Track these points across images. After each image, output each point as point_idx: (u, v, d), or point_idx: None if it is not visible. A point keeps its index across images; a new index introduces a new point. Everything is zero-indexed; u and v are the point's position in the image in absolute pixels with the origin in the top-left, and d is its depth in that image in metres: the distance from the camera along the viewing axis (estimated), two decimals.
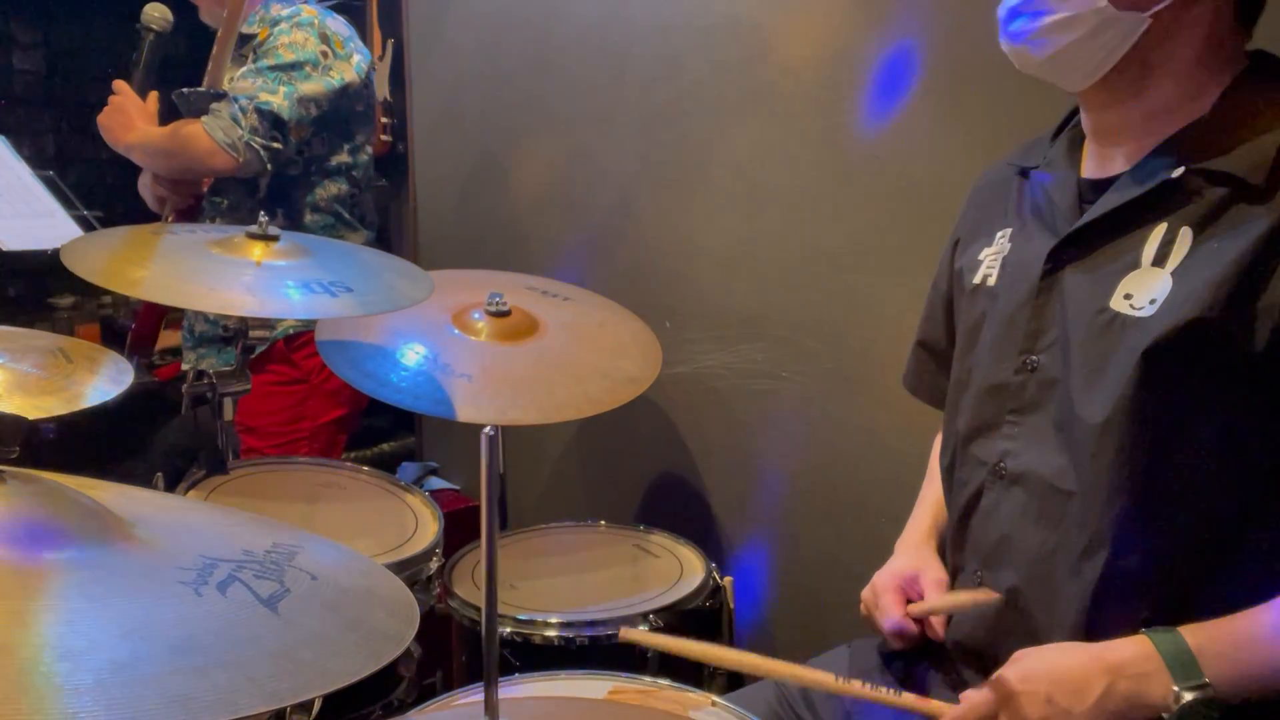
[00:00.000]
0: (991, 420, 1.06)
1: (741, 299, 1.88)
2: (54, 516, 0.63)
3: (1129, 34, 0.94)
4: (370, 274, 1.44)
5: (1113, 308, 0.95)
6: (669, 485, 2.11)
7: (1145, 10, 0.93)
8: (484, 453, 0.94)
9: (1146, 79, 0.97)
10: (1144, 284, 0.93)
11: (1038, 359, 1.02)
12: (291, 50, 1.97)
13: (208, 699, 0.53)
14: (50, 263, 1.74)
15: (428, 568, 1.53)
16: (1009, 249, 1.09)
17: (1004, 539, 1.04)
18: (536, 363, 1.43)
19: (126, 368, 1.32)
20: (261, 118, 1.92)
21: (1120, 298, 0.95)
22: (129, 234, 1.49)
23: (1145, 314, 0.92)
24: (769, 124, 1.78)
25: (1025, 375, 1.03)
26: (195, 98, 1.92)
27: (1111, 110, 1.01)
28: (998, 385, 1.06)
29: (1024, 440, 1.03)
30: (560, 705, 1.12)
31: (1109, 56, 0.95)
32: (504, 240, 2.48)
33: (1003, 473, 1.04)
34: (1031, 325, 1.03)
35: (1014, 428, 1.04)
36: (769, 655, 1.03)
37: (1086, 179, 1.04)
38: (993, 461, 1.05)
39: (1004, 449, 1.05)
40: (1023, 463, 1.02)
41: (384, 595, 0.71)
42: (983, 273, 1.12)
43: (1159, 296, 0.92)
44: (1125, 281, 0.95)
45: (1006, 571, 1.03)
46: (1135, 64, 0.96)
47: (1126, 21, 0.94)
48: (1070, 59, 0.97)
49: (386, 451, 3.01)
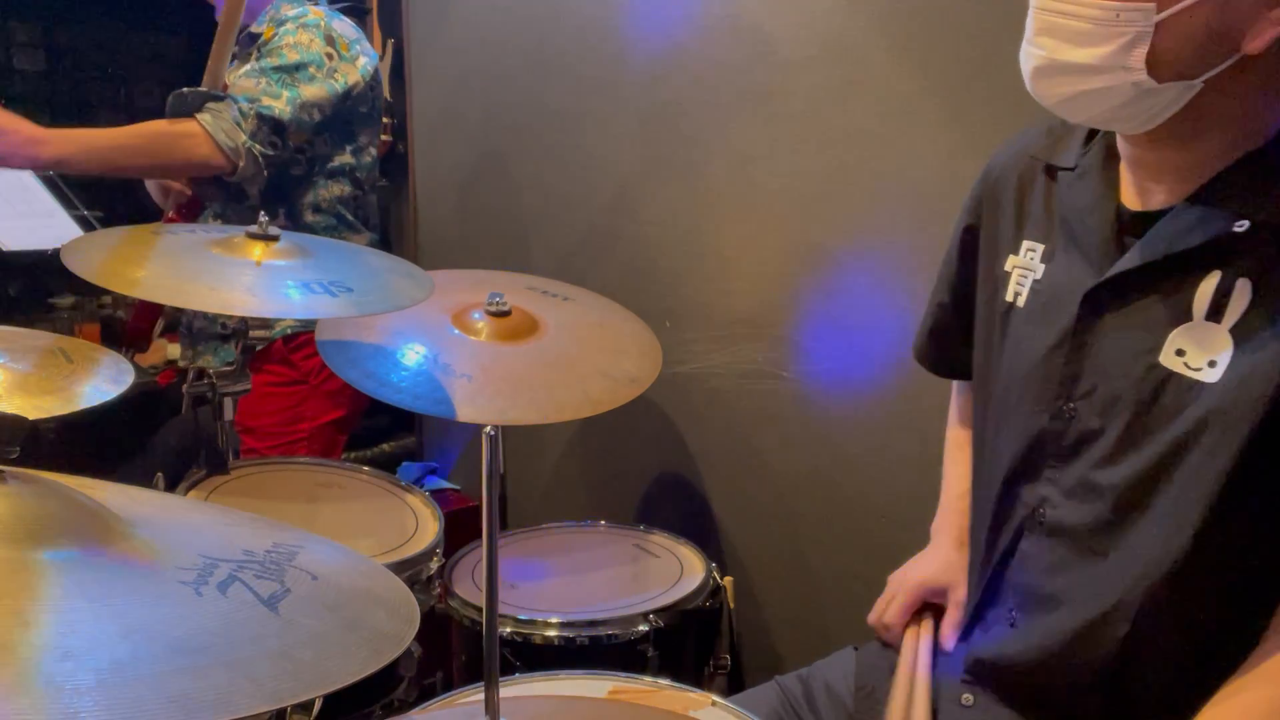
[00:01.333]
0: (1034, 464, 1.01)
1: (741, 299, 1.88)
2: (54, 516, 0.63)
3: (1176, 100, 0.85)
4: (370, 274, 1.44)
5: (1164, 365, 0.88)
6: (669, 485, 2.11)
7: (1195, 78, 0.83)
8: (484, 453, 0.94)
9: (1198, 129, 0.87)
10: (1199, 340, 0.86)
11: (1075, 406, 0.96)
12: (296, 51, 1.96)
13: (208, 699, 0.53)
14: (50, 263, 1.74)
15: (428, 568, 1.53)
16: (1041, 271, 1.01)
17: (1040, 589, 1.00)
18: (536, 363, 1.43)
19: (127, 367, 1.33)
20: (262, 122, 1.91)
21: (1172, 354, 0.87)
22: (129, 234, 1.48)
23: (1207, 378, 0.85)
24: (769, 123, 1.78)
25: (1062, 424, 0.97)
26: (193, 98, 1.90)
27: (1159, 152, 0.91)
28: (1038, 432, 1.00)
29: (1062, 490, 0.98)
30: (560, 705, 1.12)
31: (1156, 119, 0.86)
32: (504, 240, 2.48)
33: (1041, 520, 1.00)
34: (1067, 370, 0.96)
35: (1055, 472, 0.99)
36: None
37: (1128, 209, 0.94)
38: (1032, 506, 1.01)
39: (1043, 495, 1.00)
40: (1060, 514, 0.98)
41: (384, 595, 0.71)
42: (1012, 289, 1.05)
43: (1220, 360, 0.85)
44: (1176, 335, 0.87)
45: (1039, 620, 1.00)
46: (1187, 120, 0.86)
47: (1172, 89, 0.84)
48: (1108, 121, 0.90)
49: (386, 451, 3.01)
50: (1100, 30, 0.82)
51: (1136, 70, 0.82)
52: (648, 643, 1.46)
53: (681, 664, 1.52)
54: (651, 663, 1.46)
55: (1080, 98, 0.86)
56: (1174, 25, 0.81)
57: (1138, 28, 0.81)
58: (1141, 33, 0.81)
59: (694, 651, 1.57)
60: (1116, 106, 0.86)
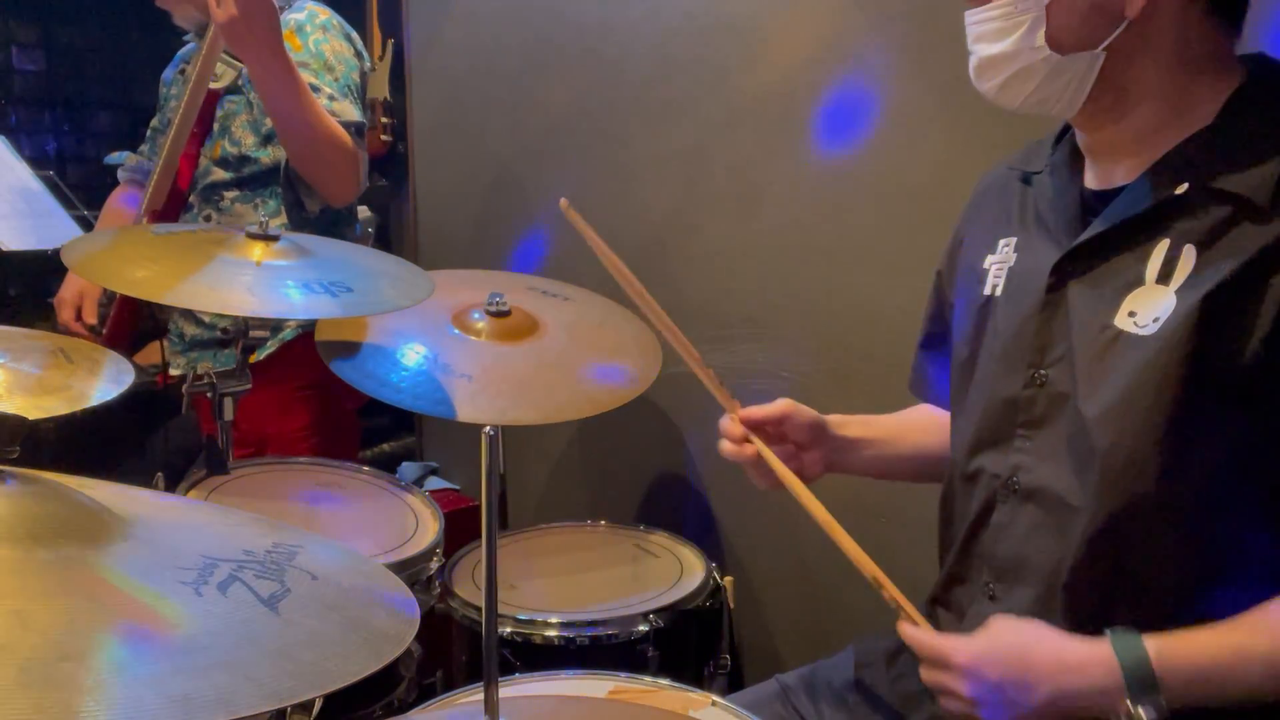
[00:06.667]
0: (1003, 433, 1.05)
1: (741, 299, 1.88)
2: (54, 516, 0.63)
3: (1088, 70, 0.95)
4: (370, 274, 1.44)
5: (1117, 325, 0.94)
6: (669, 485, 2.11)
7: (1095, 47, 0.94)
8: (484, 453, 0.94)
9: (1125, 102, 0.96)
10: (1148, 301, 0.93)
11: (1046, 373, 1.01)
12: (342, 63, 1.95)
13: (208, 699, 0.53)
14: (50, 263, 1.74)
15: (428, 568, 1.53)
16: (1014, 259, 1.09)
17: (1019, 555, 1.03)
18: (536, 363, 1.43)
19: (127, 367, 1.33)
20: (359, 140, 1.93)
21: (1125, 315, 0.94)
22: (129, 234, 1.49)
23: (1148, 332, 0.91)
24: (769, 124, 1.78)
25: (1035, 389, 1.02)
26: None
27: (1101, 131, 1.00)
28: (1009, 399, 1.05)
29: (1036, 455, 1.02)
30: (560, 705, 1.12)
31: (1078, 92, 0.96)
32: (504, 240, 2.48)
33: (1015, 487, 1.03)
34: (1038, 339, 1.02)
35: (1026, 441, 1.03)
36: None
37: (1090, 190, 1.03)
38: (1005, 475, 1.05)
39: (1016, 463, 1.04)
40: (1036, 478, 1.01)
41: (384, 595, 0.71)
42: (990, 283, 1.11)
43: (1162, 315, 0.91)
44: (1130, 299, 0.94)
45: (1022, 588, 1.02)
46: (1109, 92, 0.96)
47: (1080, 60, 0.94)
48: (1040, 101, 0.98)
49: (386, 451, 3.01)
50: (1007, 24, 0.96)
51: (1042, 49, 0.95)
52: (648, 643, 1.46)
53: (681, 664, 1.52)
54: (651, 663, 1.46)
55: (1009, 83, 0.98)
56: (1059, 5, 0.93)
57: (1033, 13, 0.94)
58: (1037, 16, 0.94)
59: (694, 651, 1.57)
60: (1039, 84, 0.97)
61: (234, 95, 1.93)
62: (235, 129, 1.95)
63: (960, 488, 1.12)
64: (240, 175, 1.97)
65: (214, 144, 1.96)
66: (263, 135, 1.95)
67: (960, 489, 1.12)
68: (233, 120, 1.95)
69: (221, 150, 1.96)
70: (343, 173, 1.88)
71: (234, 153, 1.96)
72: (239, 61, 1.82)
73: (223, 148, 1.96)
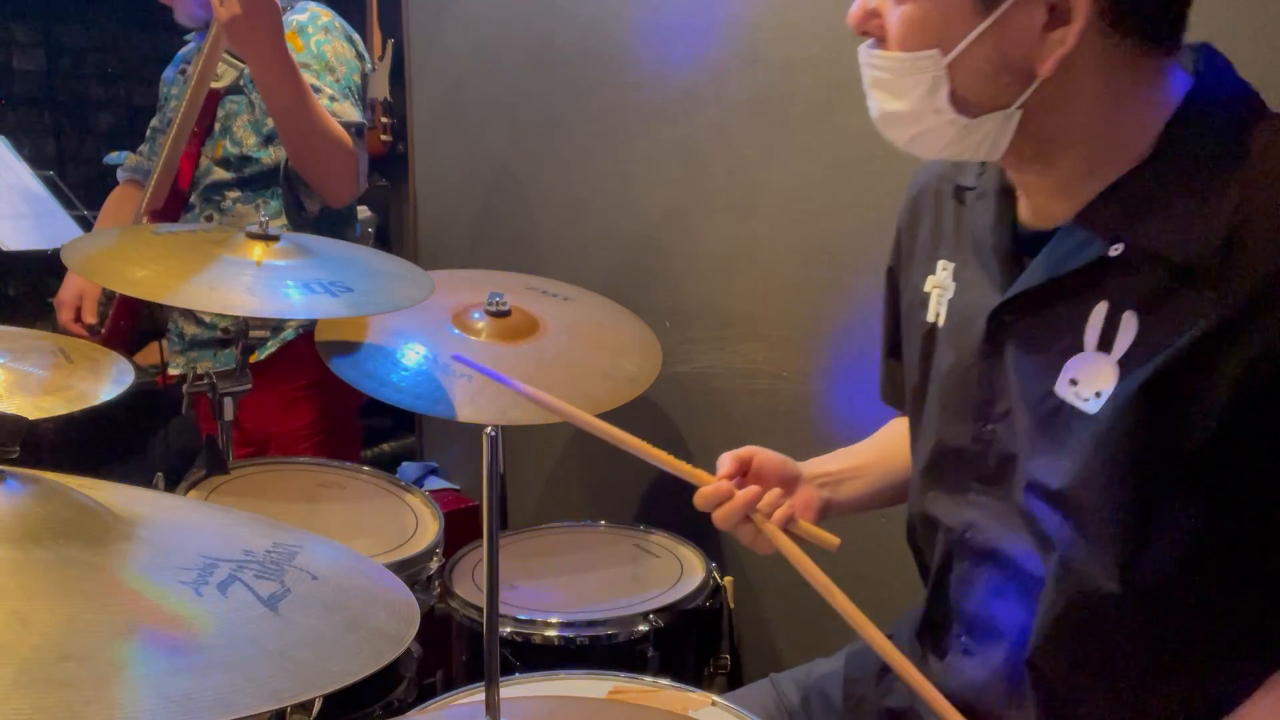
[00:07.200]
0: (955, 484, 1.00)
1: (741, 299, 1.88)
2: (54, 516, 0.63)
3: (1003, 127, 0.85)
4: (370, 274, 1.44)
5: (1059, 394, 0.88)
6: (669, 485, 2.10)
7: (1007, 107, 0.84)
8: (485, 453, 0.94)
9: (1050, 151, 0.87)
10: (1090, 371, 0.86)
11: (993, 429, 0.96)
12: (343, 64, 1.96)
13: (208, 699, 0.53)
14: (50, 263, 1.74)
15: (428, 568, 1.53)
16: (953, 289, 1.02)
17: (986, 615, 0.99)
18: (536, 363, 1.43)
19: (126, 367, 1.32)
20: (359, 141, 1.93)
21: (1066, 383, 0.87)
22: (128, 234, 1.49)
23: (1091, 409, 0.85)
24: (769, 123, 1.78)
25: (983, 445, 0.97)
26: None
27: (1027, 175, 0.92)
28: (958, 449, 0.99)
29: (992, 515, 0.97)
30: (560, 705, 1.12)
31: (995, 145, 0.87)
32: (504, 240, 2.48)
33: (969, 545, 0.99)
34: (981, 392, 0.96)
35: (981, 496, 0.98)
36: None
37: (1024, 228, 0.94)
38: (957, 530, 1.00)
39: (968, 520, 0.99)
40: (990, 539, 0.97)
41: (384, 595, 0.71)
42: (933, 309, 1.05)
43: (1105, 390, 0.84)
44: (1070, 365, 0.87)
45: (993, 647, 0.98)
46: (1030, 143, 0.86)
47: (992, 119, 0.85)
48: (956, 154, 0.90)
49: (386, 451, 3.02)
50: (903, 80, 0.86)
51: (946, 111, 0.85)
52: (648, 643, 1.46)
53: (681, 664, 1.52)
54: (651, 663, 1.46)
55: (918, 139, 0.90)
56: (962, 65, 0.83)
57: (932, 73, 0.84)
58: (937, 77, 0.84)
59: (694, 651, 1.57)
60: (950, 143, 0.88)
61: (235, 95, 1.93)
62: (236, 129, 1.95)
63: (920, 526, 1.08)
64: (242, 175, 1.97)
65: (215, 144, 1.97)
66: (264, 135, 1.95)
67: (921, 527, 1.08)
68: (234, 120, 1.96)
69: (223, 150, 1.96)
70: (343, 173, 1.88)
71: (235, 153, 1.96)
72: (241, 61, 1.82)
73: (224, 148, 1.96)
